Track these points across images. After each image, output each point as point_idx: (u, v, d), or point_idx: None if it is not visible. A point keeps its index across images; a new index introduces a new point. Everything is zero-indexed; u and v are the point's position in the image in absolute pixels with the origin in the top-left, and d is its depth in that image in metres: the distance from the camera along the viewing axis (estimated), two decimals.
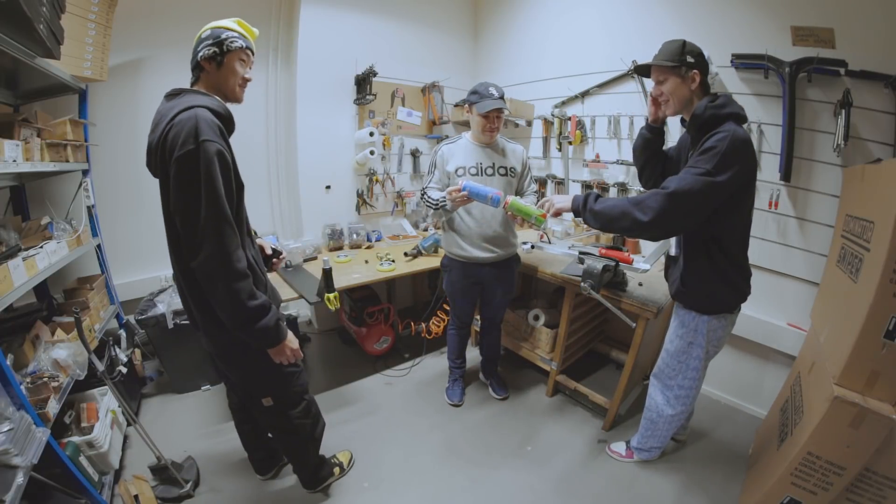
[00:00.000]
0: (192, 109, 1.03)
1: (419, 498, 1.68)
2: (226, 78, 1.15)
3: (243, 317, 1.10)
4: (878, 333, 1.16)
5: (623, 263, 1.87)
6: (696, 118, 1.22)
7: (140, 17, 2.19)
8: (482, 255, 1.88)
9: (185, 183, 1.00)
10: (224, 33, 1.13)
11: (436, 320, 2.59)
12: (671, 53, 1.23)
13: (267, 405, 1.38)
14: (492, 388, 2.34)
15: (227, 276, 1.05)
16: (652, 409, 1.69)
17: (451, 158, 1.85)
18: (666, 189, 1.18)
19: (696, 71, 1.22)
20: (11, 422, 1.12)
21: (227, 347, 1.26)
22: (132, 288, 2.42)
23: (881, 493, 1.22)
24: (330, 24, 2.56)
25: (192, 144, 0.98)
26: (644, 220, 1.18)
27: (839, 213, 1.66)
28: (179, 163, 0.99)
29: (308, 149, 2.63)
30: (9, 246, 1.43)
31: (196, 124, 1.00)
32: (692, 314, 1.46)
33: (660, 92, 1.29)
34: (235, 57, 1.15)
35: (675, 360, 1.55)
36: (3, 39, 1.24)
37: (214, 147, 1.01)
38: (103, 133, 2.18)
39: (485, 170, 1.84)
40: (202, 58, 1.12)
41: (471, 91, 1.79)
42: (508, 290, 2.07)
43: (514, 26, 3.00)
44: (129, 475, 1.67)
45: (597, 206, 1.26)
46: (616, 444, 1.90)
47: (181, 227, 1.05)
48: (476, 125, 1.80)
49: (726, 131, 1.17)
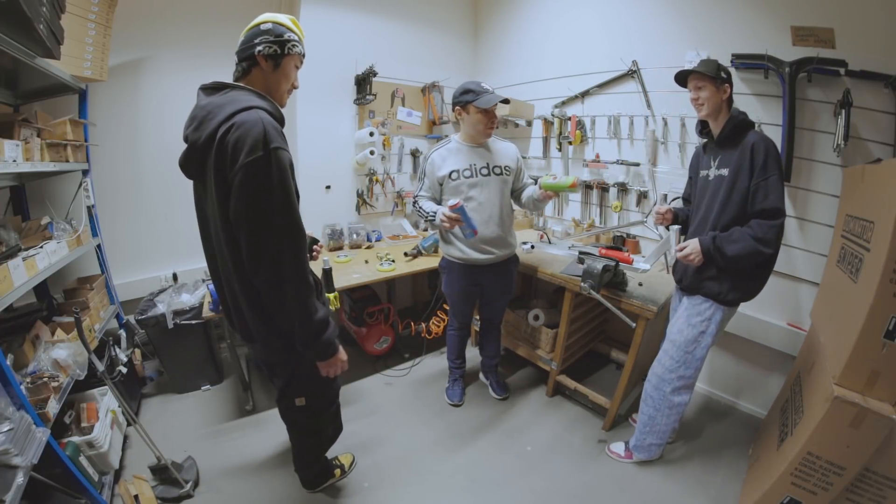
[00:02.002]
0: (254, 111, 0.95)
1: (419, 498, 1.68)
2: (279, 81, 1.09)
3: (312, 330, 1.07)
4: (878, 333, 1.16)
5: (623, 263, 1.87)
6: (734, 118, 1.45)
7: (140, 17, 2.19)
8: (480, 256, 1.86)
9: (255, 191, 0.94)
10: (287, 34, 1.06)
11: (436, 320, 2.59)
12: (710, 67, 1.45)
13: (299, 405, 1.36)
14: (491, 388, 2.34)
15: (300, 289, 1.02)
16: (648, 403, 1.70)
17: (444, 164, 1.81)
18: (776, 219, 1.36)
19: (728, 85, 1.46)
20: (11, 422, 1.12)
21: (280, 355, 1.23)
22: (132, 288, 2.42)
23: (881, 493, 1.22)
24: (330, 24, 2.56)
25: (262, 151, 0.92)
26: (770, 252, 1.38)
27: (839, 213, 1.66)
28: (247, 170, 0.92)
29: (308, 149, 2.63)
30: (9, 246, 1.43)
31: (264, 129, 0.93)
32: (709, 303, 1.52)
33: (697, 96, 1.49)
34: (292, 62, 1.09)
35: (682, 350, 1.58)
36: (3, 39, 1.23)
37: (287, 156, 0.96)
38: (103, 133, 2.18)
39: (479, 170, 1.81)
40: (261, 53, 1.03)
41: (461, 91, 1.73)
42: (507, 291, 2.06)
43: (514, 26, 3.00)
44: (129, 475, 1.67)
45: (729, 253, 1.41)
46: (615, 445, 1.90)
47: (247, 237, 0.98)
48: (474, 124, 1.75)
49: (762, 138, 1.39)
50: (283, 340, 1.16)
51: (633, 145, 2.38)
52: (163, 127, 2.32)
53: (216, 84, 1.05)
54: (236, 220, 0.98)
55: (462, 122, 1.80)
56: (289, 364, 1.29)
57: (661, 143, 2.25)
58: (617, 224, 2.52)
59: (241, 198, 0.95)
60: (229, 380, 2.40)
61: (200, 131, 0.98)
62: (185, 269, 2.53)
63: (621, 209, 2.45)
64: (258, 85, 1.07)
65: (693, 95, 1.50)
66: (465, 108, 1.74)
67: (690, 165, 1.74)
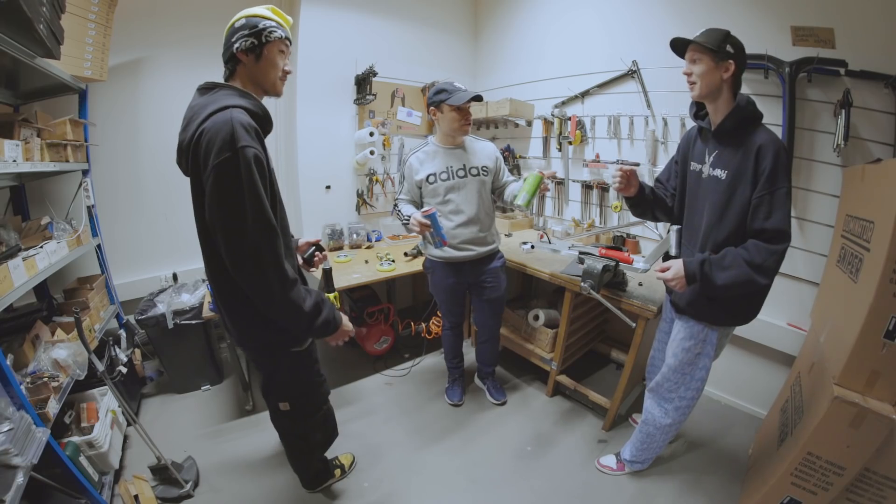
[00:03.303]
0: (228, 111, 0.95)
1: (419, 498, 1.68)
2: (266, 71, 1.08)
3: (305, 321, 1.09)
4: (878, 333, 1.16)
5: (623, 263, 1.87)
6: (739, 110, 1.21)
7: (140, 17, 2.19)
8: (460, 254, 1.87)
9: (226, 193, 0.94)
10: (262, 22, 1.04)
11: (436, 320, 2.59)
12: (712, 38, 1.19)
13: (283, 409, 1.37)
14: (489, 394, 2.31)
15: (283, 288, 1.02)
16: (649, 422, 1.63)
17: (421, 167, 1.81)
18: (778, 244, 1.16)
19: (732, 62, 1.19)
20: (11, 422, 1.12)
21: (258, 352, 1.26)
22: (132, 288, 2.42)
23: (881, 493, 1.22)
24: (330, 24, 2.56)
25: (229, 152, 0.91)
26: (765, 283, 1.18)
27: (839, 213, 1.66)
28: (217, 172, 0.92)
29: (308, 149, 2.63)
30: (9, 246, 1.43)
31: (232, 129, 0.92)
32: (701, 326, 1.40)
33: (690, 71, 1.25)
34: (275, 48, 1.07)
35: (678, 373, 1.49)
36: (3, 39, 1.24)
37: (252, 152, 0.94)
38: (103, 133, 2.18)
39: (455, 173, 1.80)
40: (239, 49, 1.03)
41: (435, 92, 1.72)
42: (496, 287, 1.99)
43: (514, 26, 2.99)
44: (129, 475, 1.67)
45: (718, 282, 1.21)
46: (605, 458, 1.83)
47: (224, 239, 0.97)
48: (449, 123, 1.74)
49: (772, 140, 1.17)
50: (256, 342, 1.18)
51: (634, 145, 2.38)
52: (163, 127, 2.31)
53: (208, 84, 1.06)
54: (211, 221, 0.98)
55: (438, 123, 1.80)
56: (266, 367, 1.30)
57: (661, 144, 2.25)
58: (617, 224, 2.52)
59: (213, 199, 0.95)
60: (229, 380, 2.40)
61: (186, 132, 1.01)
62: (185, 269, 2.53)
63: (621, 209, 2.44)
64: (245, 82, 1.08)
65: (686, 69, 1.26)
66: (438, 107, 1.73)
67: (678, 148, 1.52)
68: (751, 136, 1.20)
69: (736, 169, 1.22)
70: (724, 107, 1.24)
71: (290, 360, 1.27)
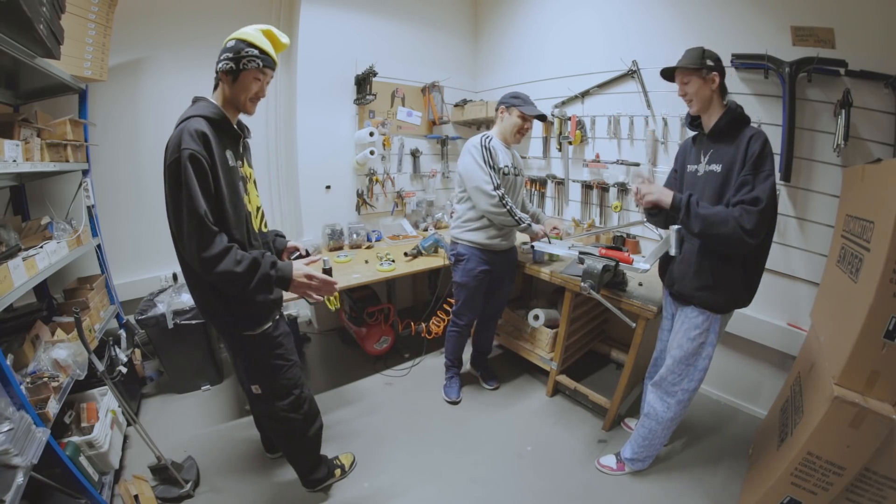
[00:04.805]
0: (188, 119, 1.10)
1: (419, 498, 1.68)
2: (237, 94, 1.20)
3: (242, 283, 1.14)
4: (878, 333, 1.16)
5: (623, 263, 1.87)
6: (730, 112, 1.36)
7: (140, 17, 2.19)
8: (502, 243, 2.02)
9: (171, 189, 1.08)
10: (245, 49, 1.15)
11: (436, 320, 2.59)
12: (693, 58, 1.37)
13: (256, 392, 1.44)
14: (482, 380, 2.41)
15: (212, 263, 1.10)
16: (652, 417, 1.65)
17: (498, 154, 1.90)
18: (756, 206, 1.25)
19: (716, 73, 1.35)
20: (11, 422, 1.12)
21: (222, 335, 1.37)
22: (132, 288, 2.42)
23: (881, 493, 1.22)
24: (330, 24, 2.56)
25: (176, 154, 1.06)
26: (748, 228, 1.24)
27: (839, 213, 1.66)
28: (167, 172, 1.08)
29: (308, 149, 2.63)
30: (9, 246, 1.43)
31: (180, 135, 1.07)
32: (705, 314, 1.46)
33: (684, 92, 1.42)
34: (250, 75, 1.18)
35: (683, 364, 1.53)
36: (3, 39, 1.24)
37: (187, 153, 1.05)
38: (103, 133, 2.18)
39: (513, 169, 1.98)
40: (219, 70, 1.17)
41: (512, 95, 1.91)
42: (512, 275, 2.22)
43: (514, 26, 3.00)
44: (129, 475, 1.67)
45: (701, 210, 1.32)
46: (605, 458, 1.83)
47: (174, 228, 1.12)
48: (511, 127, 1.90)
49: (759, 134, 1.30)
50: (217, 324, 1.33)
51: (633, 145, 2.38)
52: (163, 127, 2.25)
53: (195, 97, 1.21)
54: (168, 215, 1.12)
55: (500, 122, 1.95)
56: (230, 349, 1.45)
57: (661, 143, 2.25)
58: (617, 224, 2.52)
59: (166, 196, 1.11)
60: (229, 380, 2.40)
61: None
62: None
63: (621, 209, 2.45)
64: (222, 95, 1.21)
65: (680, 91, 1.44)
66: (509, 108, 1.90)
67: (676, 158, 1.63)
68: (741, 132, 1.34)
69: (729, 160, 1.34)
70: (716, 112, 1.39)
71: (247, 343, 1.33)
